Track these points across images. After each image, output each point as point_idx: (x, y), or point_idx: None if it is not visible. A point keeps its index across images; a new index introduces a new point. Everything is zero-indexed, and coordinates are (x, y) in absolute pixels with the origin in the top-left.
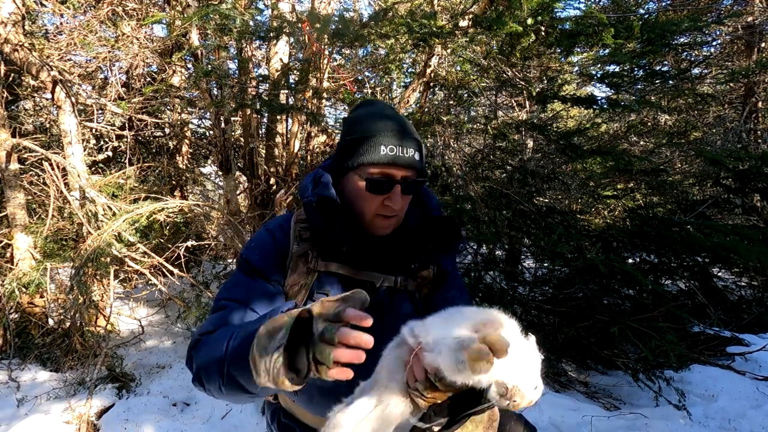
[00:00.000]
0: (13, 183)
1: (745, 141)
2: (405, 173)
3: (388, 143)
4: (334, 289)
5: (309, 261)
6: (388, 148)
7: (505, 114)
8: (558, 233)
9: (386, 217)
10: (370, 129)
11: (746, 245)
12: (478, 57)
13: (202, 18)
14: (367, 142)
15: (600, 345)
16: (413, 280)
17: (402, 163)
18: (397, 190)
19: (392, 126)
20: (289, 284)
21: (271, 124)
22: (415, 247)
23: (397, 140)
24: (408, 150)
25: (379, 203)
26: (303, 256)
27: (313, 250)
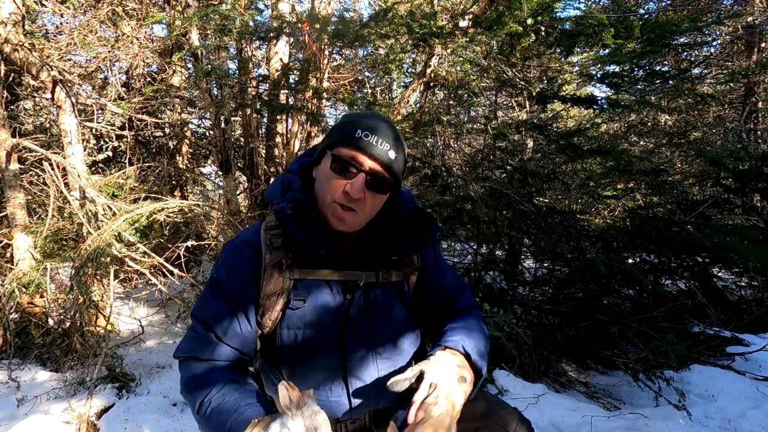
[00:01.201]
0: (13, 183)
1: (745, 141)
2: (374, 165)
3: (364, 128)
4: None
5: (284, 269)
6: (363, 133)
7: (505, 114)
8: (558, 233)
9: (344, 208)
10: (355, 117)
11: (746, 245)
12: (478, 57)
13: (202, 18)
14: (347, 125)
15: (600, 345)
16: (396, 270)
17: (373, 153)
18: (360, 178)
19: (377, 120)
20: (264, 295)
21: (271, 124)
22: (391, 240)
23: (375, 130)
24: (384, 143)
25: (339, 188)
26: (277, 265)
27: (287, 257)
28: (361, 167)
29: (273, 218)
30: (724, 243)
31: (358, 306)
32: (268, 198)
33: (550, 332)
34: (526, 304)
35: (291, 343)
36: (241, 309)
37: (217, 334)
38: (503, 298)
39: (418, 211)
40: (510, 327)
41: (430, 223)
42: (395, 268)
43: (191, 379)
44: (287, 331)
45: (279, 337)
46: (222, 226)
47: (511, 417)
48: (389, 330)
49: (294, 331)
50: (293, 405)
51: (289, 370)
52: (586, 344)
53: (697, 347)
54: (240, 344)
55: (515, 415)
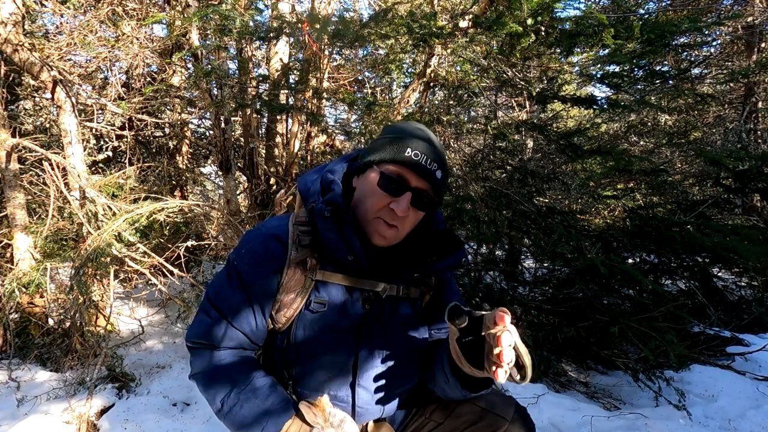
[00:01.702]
0: (13, 183)
1: (745, 141)
2: (421, 184)
3: (415, 148)
4: (333, 298)
5: (307, 269)
6: (413, 152)
7: (505, 114)
8: (558, 233)
9: (387, 224)
10: (403, 133)
11: (746, 245)
12: (478, 57)
13: (202, 18)
14: (396, 142)
15: (600, 345)
16: (416, 288)
17: (422, 172)
18: (407, 197)
19: (425, 138)
20: (283, 291)
21: (271, 124)
22: (417, 258)
23: (424, 150)
24: (432, 163)
25: (385, 204)
26: (301, 263)
27: (312, 257)
28: (409, 185)
29: (304, 214)
30: (724, 243)
31: (376, 317)
32: (302, 191)
33: (550, 332)
34: (526, 304)
35: (305, 343)
36: (257, 301)
37: (232, 323)
38: (503, 298)
39: (448, 233)
40: None
41: (458, 247)
42: (415, 284)
43: (207, 371)
44: (302, 332)
45: (293, 335)
46: (222, 226)
47: (508, 406)
48: (404, 345)
49: (310, 332)
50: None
51: (298, 369)
52: (586, 344)
53: (697, 347)
54: (251, 335)
55: (512, 404)
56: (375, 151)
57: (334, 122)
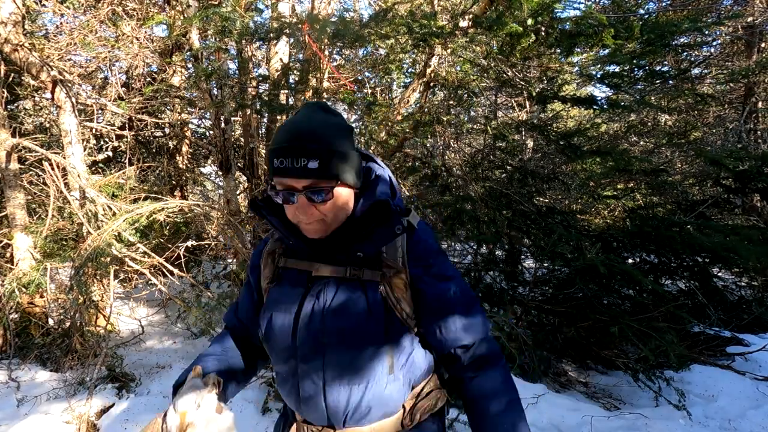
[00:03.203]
0: (13, 183)
1: (745, 141)
2: (304, 182)
3: (278, 155)
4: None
5: (276, 258)
6: (278, 161)
7: (505, 114)
8: (558, 233)
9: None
10: (273, 141)
11: (746, 245)
12: (478, 57)
13: (202, 19)
14: (269, 156)
15: (600, 345)
16: (371, 269)
17: (294, 174)
18: (301, 201)
19: (286, 137)
20: (263, 278)
21: (271, 124)
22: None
23: (287, 152)
24: (299, 160)
25: (292, 213)
26: (272, 253)
27: (280, 248)
28: (296, 189)
29: None
30: (724, 243)
31: (313, 298)
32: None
33: (550, 332)
34: (526, 304)
35: (263, 329)
36: (250, 293)
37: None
38: (503, 298)
39: (382, 204)
40: (510, 327)
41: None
42: (369, 266)
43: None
44: (264, 315)
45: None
46: (222, 226)
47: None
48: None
49: (265, 318)
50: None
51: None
52: (586, 344)
53: (697, 347)
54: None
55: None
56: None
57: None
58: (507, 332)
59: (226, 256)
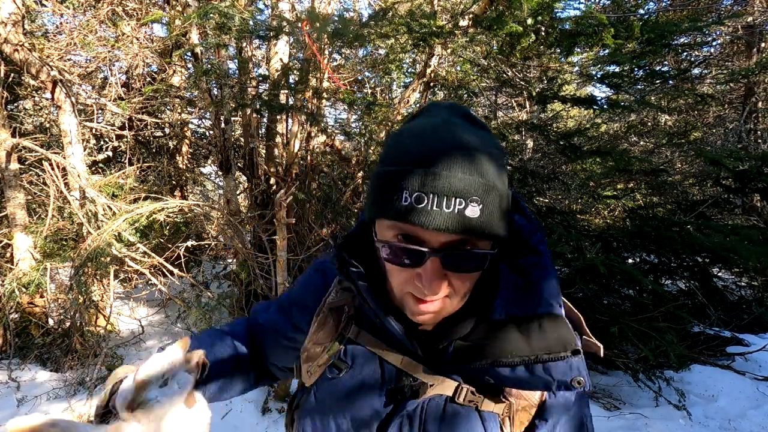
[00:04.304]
0: (13, 183)
1: (745, 141)
2: (448, 238)
3: (412, 187)
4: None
5: (342, 318)
6: (413, 196)
7: (505, 114)
8: (558, 233)
9: (421, 300)
10: (395, 158)
11: (746, 245)
12: (478, 57)
13: (201, 17)
14: (385, 180)
15: None
16: (494, 396)
17: (435, 225)
18: (434, 267)
19: (430, 155)
20: (311, 340)
21: (271, 124)
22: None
23: (431, 184)
24: (453, 198)
25: (406, 278)
26: (337, 310)
27: (351, 306)
28: (428, 246)
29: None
30: (724, 243)
31: (404, 420)
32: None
33: None
34: None
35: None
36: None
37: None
38: None
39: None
40: None
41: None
42: (492, 392)
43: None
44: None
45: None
46: (222, 226)
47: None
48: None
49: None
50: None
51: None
52: None
53: (697, 347)
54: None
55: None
56: (368, 199)
57: (334, 122)
58: None
59: (226, 256)
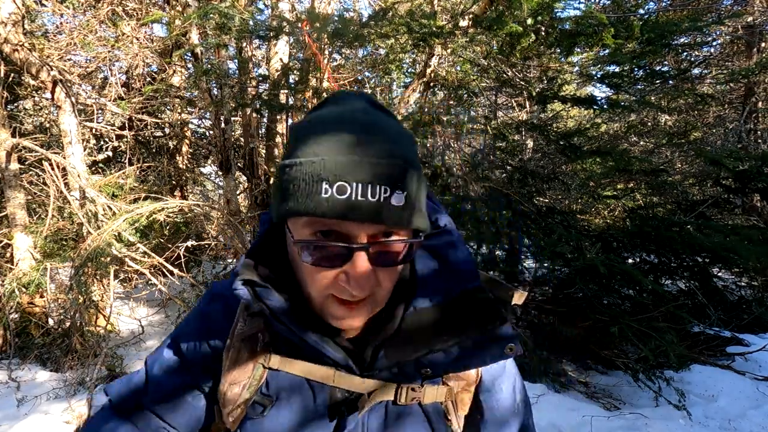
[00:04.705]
0: (13, 183)
1: (745, 141)
2: (374, 230)
3: (333, 176)
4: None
5: (257, 348)
6: (335, 187)
7: (505, 114)
8: (558, 233)
9: (346, 303)
10: (309, 148)
11: (746, 245)
12: (478, 57)
13: (201, 17)
14: (298, 173)
15: (600, 345)
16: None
17: (362, 216)
18: (360, 261)
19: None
20: (226, 381)
21: (271, 124)
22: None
23: (354, 170)
24: (378, 190)
25: (330, 279)
26: (250, 339)
27: (264, 332)
28: (355, 242)
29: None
30: (724, 243)
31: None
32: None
33: (550, 332)
34: (526, 304)
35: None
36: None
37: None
38: None
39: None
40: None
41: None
42: (431, 381)
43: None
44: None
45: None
46: (222, 226)
47: None
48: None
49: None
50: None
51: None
52: (586, 344)
53: (697, 347)
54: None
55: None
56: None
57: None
58: None
59: (226, 256)
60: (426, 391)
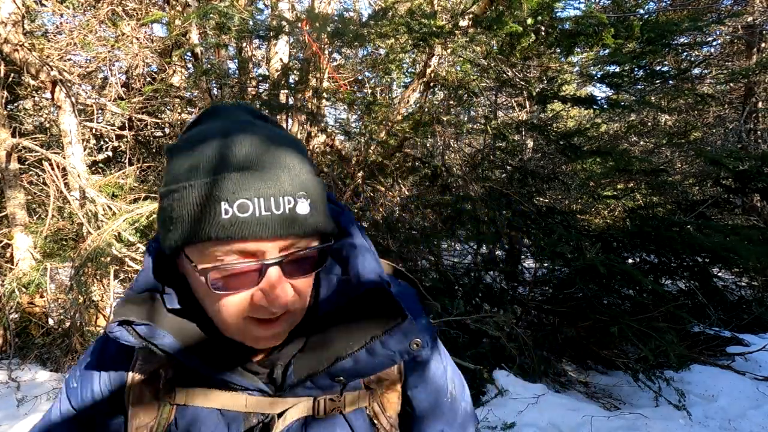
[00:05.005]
0: (13, 183)
1: (745, 141)
2: (284, 243)
3: (232, 195)
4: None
5: (160, 388)
6: (235, 206)
7: (505, 114)
8: (558, 233)
9: (265, 322)
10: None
11: (746, 245)
12: (478, 57)
13: (201, 17)
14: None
15: (600, 345)
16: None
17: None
18: (274, 277)
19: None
20: (133, 428)
21: None
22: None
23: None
24: (281, 202)
25: (244, 304)
26: (149, 381)
27: (167, 368)
28: (261, 258)
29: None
30: (724, 243)
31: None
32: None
33: (550, 332)
34: (526, 304)
35: None
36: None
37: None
38: (503, 298)
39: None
40: (510, 327)
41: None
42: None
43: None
44: None
45: None
46: None
47: None
48: None
49: None
50: None
51: None
52: (586, 344)
53: (697, 347)
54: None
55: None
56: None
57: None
58: (507, 332)
59: None
60: (346, 399)
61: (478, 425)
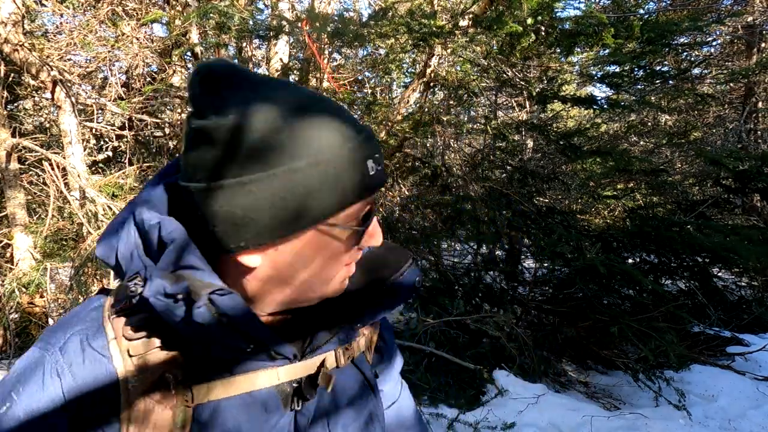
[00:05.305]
0: (13, 183)
1: (745, 141)
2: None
3: (372, 153)
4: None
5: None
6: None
7: (505, 114)
8: (558, 233)
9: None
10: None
11: (746, 245)
12: (478, 57)
13: (201, 17)
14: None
15: (600, 345)
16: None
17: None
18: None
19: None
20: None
21: None
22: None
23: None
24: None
25: (352, 260)
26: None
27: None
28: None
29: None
30: (724, 243)
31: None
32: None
33: (550, 332)
34: (526, 304)
35: None
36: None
37: None
38: (503, 298)
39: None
40: (510, 327)
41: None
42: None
43: None
44: None
45: None
46: None
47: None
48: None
49: None
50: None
51: None
52: (586, 344)
53: (697, 347)
54: None
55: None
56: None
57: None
58: (507, 332)
59: None
60: (355, 345)
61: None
